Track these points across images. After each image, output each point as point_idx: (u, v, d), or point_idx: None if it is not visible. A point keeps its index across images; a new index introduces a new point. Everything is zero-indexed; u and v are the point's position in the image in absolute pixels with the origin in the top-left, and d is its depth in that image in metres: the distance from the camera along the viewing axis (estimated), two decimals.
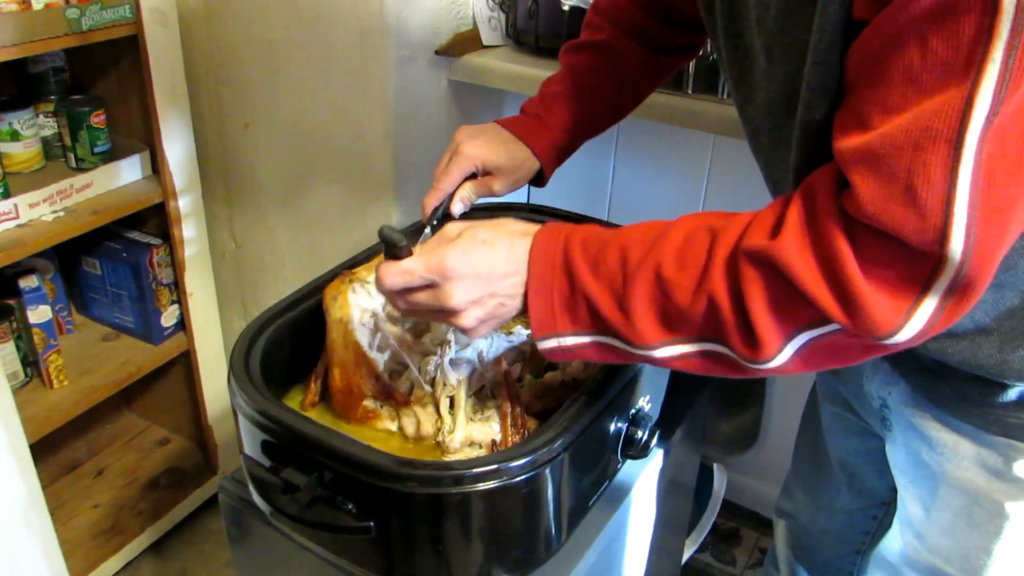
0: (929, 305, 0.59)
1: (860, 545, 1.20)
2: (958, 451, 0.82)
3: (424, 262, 0.72)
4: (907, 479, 0.91)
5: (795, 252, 0.61)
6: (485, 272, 0.72)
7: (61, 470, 1.95)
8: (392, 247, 0.74)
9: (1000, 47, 0.51)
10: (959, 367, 0.77)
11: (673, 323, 0.68)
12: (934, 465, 0.85)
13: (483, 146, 1.02)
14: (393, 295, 0.76)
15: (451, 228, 0.76)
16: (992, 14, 0.51)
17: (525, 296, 0.73)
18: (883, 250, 0.59)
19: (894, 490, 1.11)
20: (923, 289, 0.59)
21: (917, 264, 0.58)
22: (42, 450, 1.76)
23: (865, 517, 1.16)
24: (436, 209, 1.00)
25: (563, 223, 0.75)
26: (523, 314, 0.75)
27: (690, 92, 1.45)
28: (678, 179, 1.73)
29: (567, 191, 1.88)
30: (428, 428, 0.91)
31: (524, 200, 1.92)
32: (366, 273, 0.99)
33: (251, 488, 0.81)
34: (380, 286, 0.75)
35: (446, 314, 0.74)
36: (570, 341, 0.73)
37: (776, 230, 0.64)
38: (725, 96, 1.41)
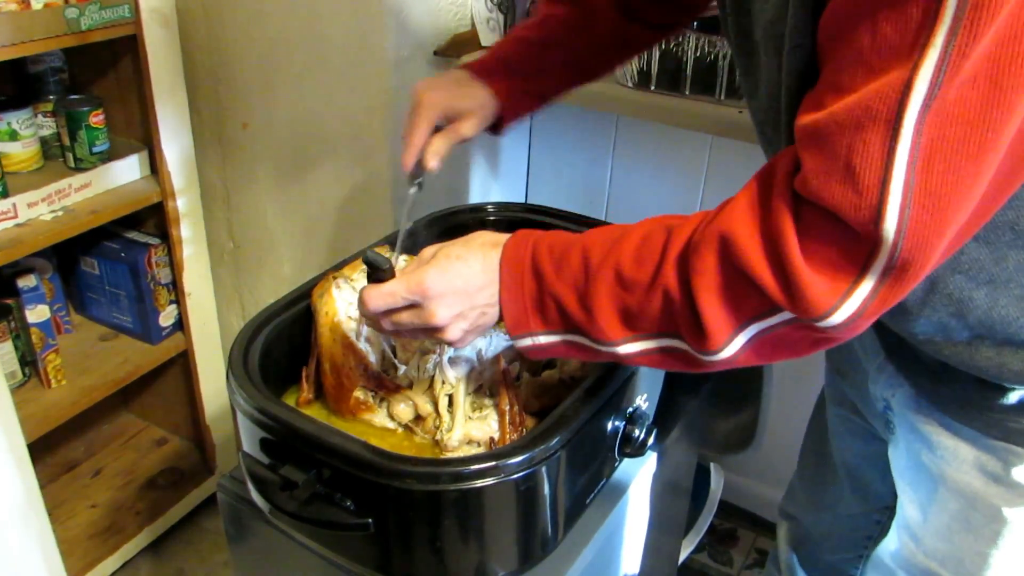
0: (865, 288, 0.60)
1: (863, 549, 1.20)
2: (958, 454, 0.82)
3: (405, 284, 0.75)
4: (906, 481, 0.91)
5: (741, 226, 0.63)
6: (462, 286, 0.75)
7: (59, 470, 1.95)
8: (376, 270, 0.77)
9: (942, 32, 0.52)
10: (959, 368, 0.78)
11: (633, 320, 0.70)
12: (933, 468, 0.85)
13: (443, 92, 1.01)
14: (377, 317, 0.78)
15: (426, 251, 0.79)
16: (938, 0, 0.52)
17: (500, 302, 0.76)
18: (824, 229, 0.60)
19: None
20: (860, 272, 0.60)
21: (856, 246, 0.59)
22: (40, 450, 1.76)
23: (868, 521, 1.17)
24: (415, 167, 1.00)
25: (531, 230, 0.78)
26: (502, 319, 0.77)
27: (688, 93, 1.45)
28: (676, 180, 1.73)
29: (565, 192, 1.89)
30: (426, 408, 0.91)
31: (522, 200, 1.93)
32: (350, 271, 1.00)
33: (250, 486, 0.81)
34: (364, 309, 0.78)
35: (431, 331, 0.77)
36: (543, 340, 0.76)
37: (722, 210, 0.65)
38: (722, 97, 1.42)
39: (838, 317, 0.61)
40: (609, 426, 0.90)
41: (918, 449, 0.87)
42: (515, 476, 0.75)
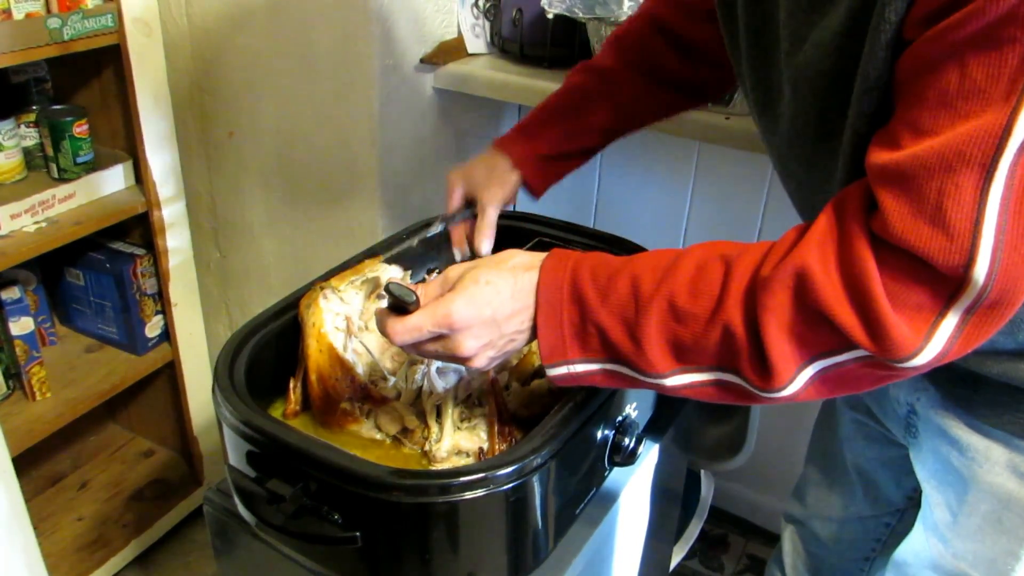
0: (948, 326, 0.60)
1: (871, 552, 1.20)
2: (990, 456, 0.82)
3: (431, 316, 0.73)
4: (934, 484, 0.91)
5: (819, 265, 0.61)
6: (491, 316, 0.73)
7: (44, 483, 1.93)
8: (401, 303, 0.75)
9: None
10: (997, 379, 0.78)
11: (685, 352, 0.68)
12: (964, 470, 0.85)
13: (462, 171, 1.08)
14: (404, 347, 0.77)
15: (453, 271, 0.76)
16: None
17: (534, 327, 0.74)
18: (906, 271, 0.59)
19: (910, 498, 1.11)
20: (942, 310, 0.59)
21: (938, 285, 0.59)
22: (25, 463, 1.75)
23: (878, 524, 1.17)
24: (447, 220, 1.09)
25: (568, 251, 0.76)
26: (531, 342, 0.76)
27: None
28: (664, 186, 1.73)
29: (553, 199, 1.88)
30: (414, 420, 0.91)
31: (511, 208, 1.92)
32: (337, 281, 1.00)
33: (236, 499, 0.81)
34: (390, 341, 0.76)
35: (459, 360, 0.75)
36: (580, 368, 0.73)
37: (795, 246, 0.64)
38: (709, 104, 1.42)
39: (923, 358, 0.60)
40: (599, 435, 0.89)
41: (946, 451, 0.87)
42: (504, 487, 0.75)
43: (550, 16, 1.49)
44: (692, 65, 1.06)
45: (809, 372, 0.65)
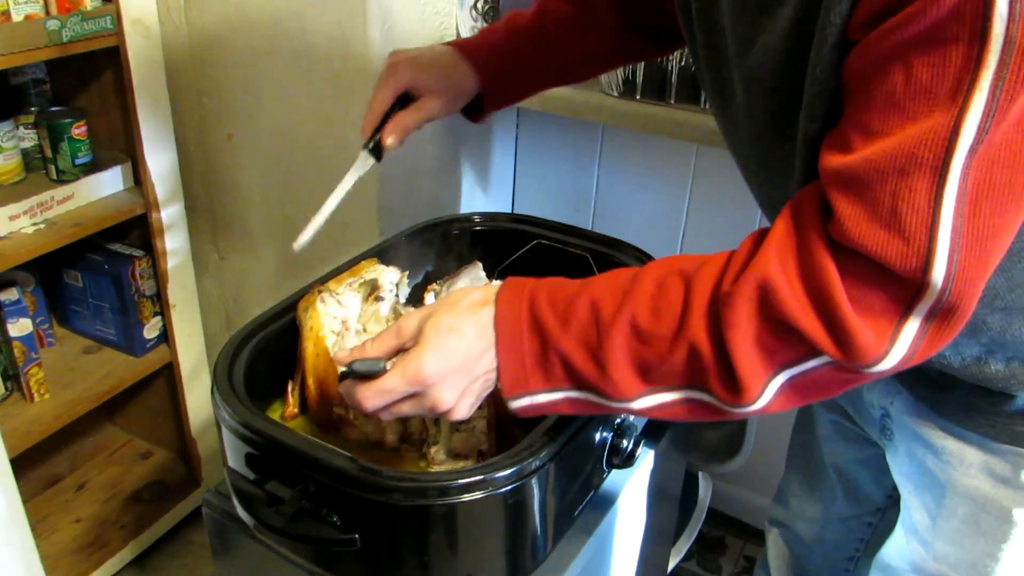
0: (911, 329, 0.60)
1: (855, 552, 1.20)
2: (964, 459, 0.82)
3: (401, 377, 0.70)
4: (911, 487, 0.91)
5: (780, 275, 0.61)
6: (462, 362, 0.70)
7: (42, 484, 1.93)
8: (371, 376, 0.72)
9: (988, 76, 0.52)
10: (965, 379, 0.78)
11: (651, 373, 0.67)
12: (940, 473, 0.85)
13: (415, 64, 0.97)
14: (376, 413, 0.74)
15: (405, 323, 0.73)
16: (981, 44, 0.51)
17: (497, 361, 0.72)
18: (865, 275, 0.59)
19: (890, 497, 1.11)
20: (904, 313, 0.59)
21: (898, 289, 0.58)
22: (23, 464, 1.74)
23: (860, 524, 1.17)
24: (374, 132, 0.97)
25: (523, 279, 0.74)
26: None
27: (673, 102, 1.46)
28: (662, 188, 1.74)
29: (552, 201, 1.89)
30: (410, 424, 0.91)
31: (508, 210, 1.92)
32: (335, 284, 1.00)
33: (235, 501, 0.81)
34: (360, 410, 0.73)
35: (437, 414, 0.73)
36: (543, 398, 0.72)
37: (754, 257, 0.63)
38: (707, 106, 1.42)
39: (888, 362, 0.60)
40: (597, 438, 0.89)
41: (922, 455, 0.87)
42: (503, 490, 0.75)
43: None
44: (664, 14, 1.02)
45: (778, 382, 0.64)
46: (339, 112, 1.54)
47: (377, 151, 0.97)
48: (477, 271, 1.14)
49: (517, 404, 0.72)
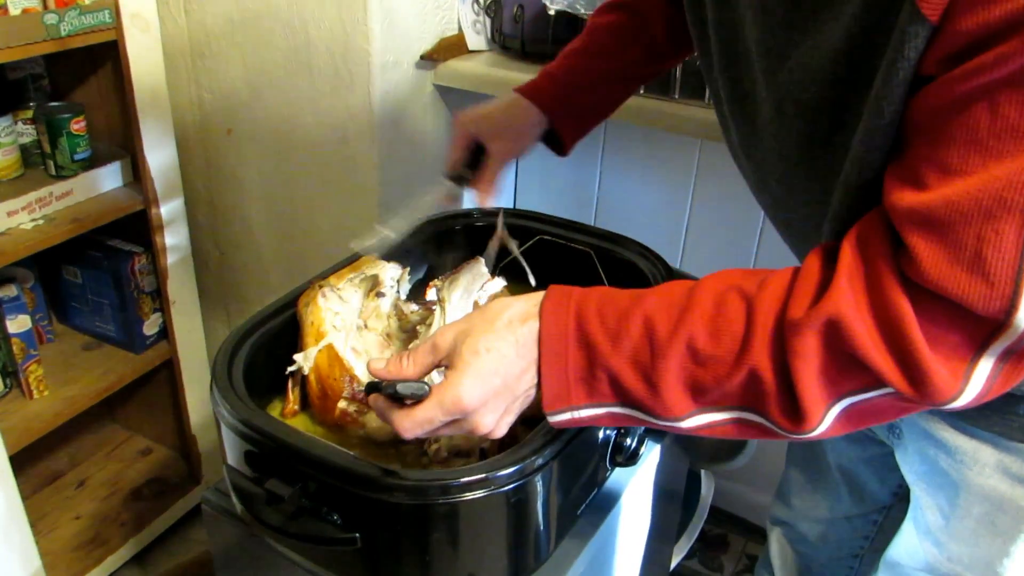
0: (985, 367, 0.58)
1: (859, 550, 1.19)
2: (979, 458, 0.81)
3: (439, 406, 0.67)
4: (923, 487, 0.90)
5: (853, 313, 0.59)
6: (502, 385, 0.68)
7: (42, 481, 1.92)
8: (415, 400, 0.69)
9: None
10: None
11: (704, 394, 0.65)
12: (953, 473, 0.84)
13: (474, 114, 1.01)
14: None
15: (441, 339, 0.71)
16: None
17: (538, 375, 0.69)
18: (943, 315, 0.57)
19: (895, 495, 1.10)
20: (978, 351, 0.58)
21: (976, 328, 0.57)
22: (22, 461, 1.73)
23: (866, 522, 1.16)
24: (454, 174, 1.03)
25: (568, 289, 0.70)
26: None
27: (677, 97, 1.45)
28: (665, 183, 1.73)
29: (553, 196, 1.88)
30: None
31: (511, 206, 1.91)
32: (336, 279, 0.99)
33: (234, 499, 0.80)
34: (402, 437, 0.70)
35: (478, 437, 0.72)
36: (585, 413, 0.69)
37: (825, 290, 0.61)
38: (711, 102, 1.41)
39: (963, 399, 0.59)
40: (600, 436, 0.89)
41: (934, 454, 0.86)
42: (505, 488, 0.74)
43: (552, 12, 1.48)
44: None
45: (837, 409, 0.63)
46: (340, 108, 1.53)
47: (460, 182, 1.03)
48: (479, 267, 1.13)
49: (558, 418, 0.69)
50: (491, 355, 0.68)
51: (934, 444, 0.85)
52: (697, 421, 0.67)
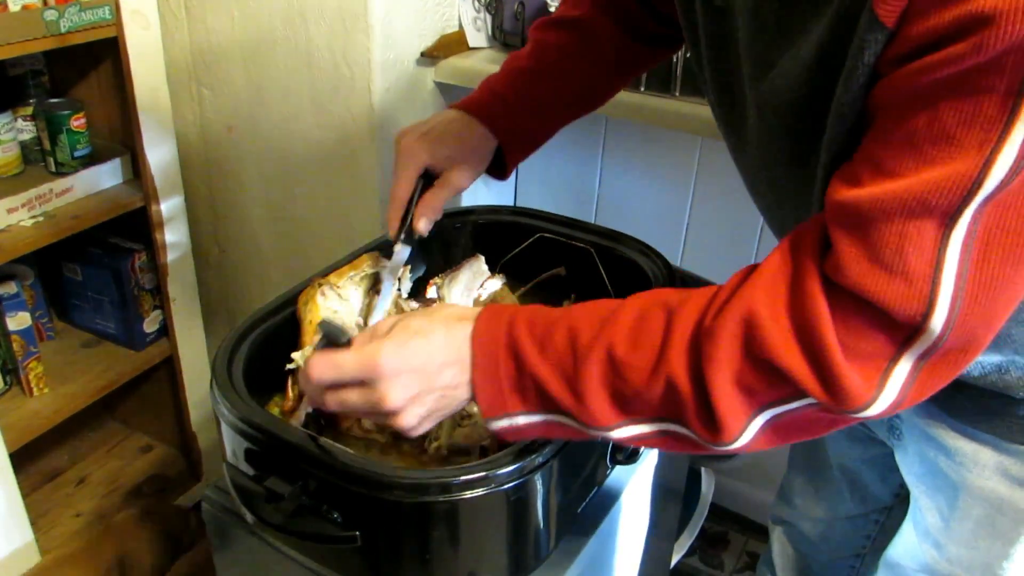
0: (900, 373, 0.58)
1: (861, 549, 1.19)
2: (979, 460, 0.81)
3: (355, 357, 0.68)
4: (923, 488, 0.90)
5: (767, 310, 0.59)
6: (420, 365, 0.68)
7: (42, 478, 1.92)
8: (333, 344, 0.70)
9: (1020, 131, 0.50)
10: (984, 388, 0.77)
11: (628, 404, 0.65)
12: (953, 474, 0.84)
13: (426, 137, 0.93)
14: (322, 392, 0.71)
15: (383, 323, 0.72)
16: (1017, 99, 0.49)
17: (471, 382, 0.69)
18: (859, 317, 0.57)
19: (897, 495, 1.10)
20: (894, 357, 0.57)
21: (892, 332, 0.57)
22: (22, 458, 1.73)
23: (868, 522, 1.16)
24: (402, 222, 0.93)
25: (505, 306, 0.72)
26: (469, 402, 0.71)
27: (677, 94, 1.44)
28: (666, 181, 1.72)
29: (554, 194, 1.88)
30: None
31: (510, 204, 1.91)
32: (336, 278, 0.98)
33: (234, 497, 0.80)
34: (306, 379, 0.71)
35: (383, 415, 0.70)
36: (522, 421, 0.69)
37: (741, 288, 0.61)
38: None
39: (876, 408, 0.58)
40: None
41: (933, 455, 0.86)
42: (506, 486, 0.74)
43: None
44: (656, 16, 1.00)
45: (759, 422, 0.62)
46: (341, 105, 1.53)
47: (410, 237, 0.93)
48: (479, 264, 1.13)
49: (496, 425, 0.70)
50: (418, 336, 0.68)
51: (934, 446, 0.85)
52: (626, 432, 0.67)
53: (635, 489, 1.03)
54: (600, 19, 0.99)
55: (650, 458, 1.05)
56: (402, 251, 0.93)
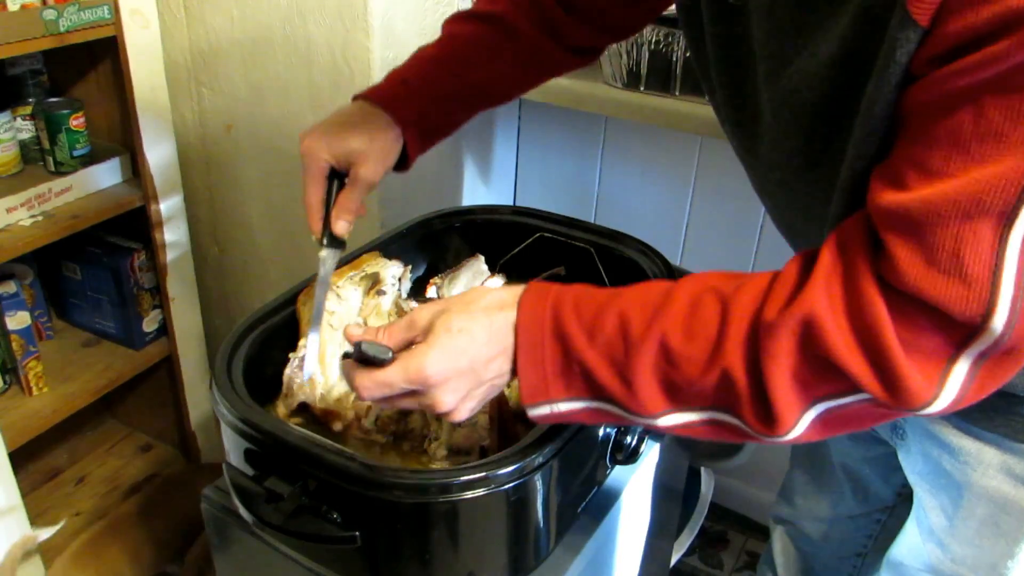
0: (960, 371, 0.58)
1: (862, 548, 1.19)
2: (983, 459, 0.81)
3: (403, 372, 0.68)
4: (927, 487, 0.90)
5: (828, 314, 0.58)
6: (468, 366, 0.68)
7: (42, 478, 1.92)
8: (376, 362, 0.69)
9: None
10: None
11: (679, 394, 0.65)
12: (957, 474, 0.84)
13: (326, 135, 0.90)
14: (374, 402, 0.72)
15: (419, 315, 0.71)
16: None
17: (514, 367, 0.69)
18: (919, 318, 0.56)
19: (899, 495, 1.10)
20: (953, 355, 0.57)
21: (952, 332, 0.56)
22: (22, 458, 1.74)
23: (869, 521, 1.16)
24: (324, 226, 0.91)
25: (548, 284, 0.71)
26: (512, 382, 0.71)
27: (677, 94, 1.44)
28: (665, 180, 1.72)
29: (554, 193, 1.88)
30: (412, 420, 0.90)
31: (510, 203, 1.91)
32: (336, 278, 0.99)
33: (234, 497, 0.80)
34: (357, 396, 0.71)
35: (438, 415, 0.71)
36: (564, 407, 0.69)
37: (801, 289, 0.60)
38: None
39: (938, 405, 0.58)
40: (600, 433, 0.88)
41: (937, 454, 0.86)
42: (506, 486, 0.74)
43: None
44: (579, 23, 0.97)
45: (812, 414, 0.62)
46: (339, 103, 1.52)
47: (335, 241, 0.91)
48: (479, 264, 1.13)
49: (536, 412, 0.69)
50: (462, 335, 0.68)
51: (937, 445, 0.85)
52: (672, 420, 0.67)
53: (635, 489, 1.03)
54: (517, 17, 0.97)
55: (650, 458, 1.05)
56: (329, 257, 0.91)
